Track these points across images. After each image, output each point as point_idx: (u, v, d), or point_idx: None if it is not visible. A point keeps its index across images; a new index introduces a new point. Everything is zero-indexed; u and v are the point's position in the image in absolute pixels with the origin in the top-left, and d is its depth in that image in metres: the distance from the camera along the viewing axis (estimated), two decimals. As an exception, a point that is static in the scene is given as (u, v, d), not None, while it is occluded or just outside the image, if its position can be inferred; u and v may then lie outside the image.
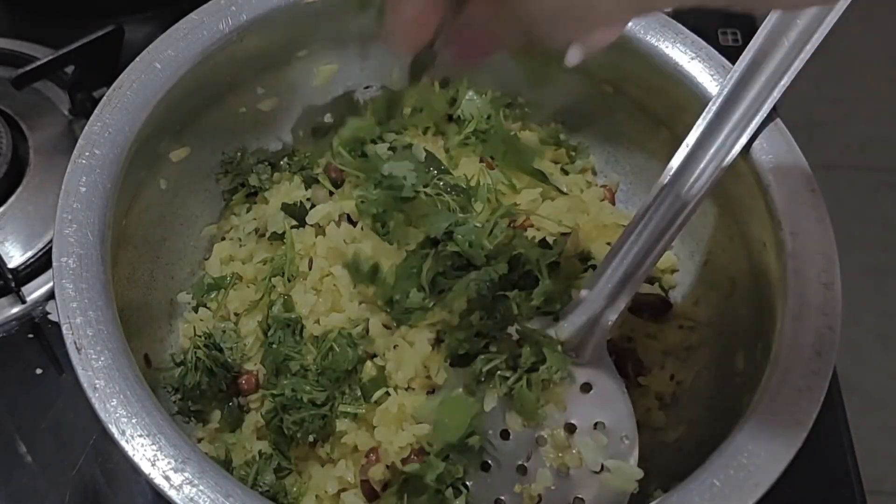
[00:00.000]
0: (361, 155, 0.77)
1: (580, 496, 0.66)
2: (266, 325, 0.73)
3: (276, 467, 0.69)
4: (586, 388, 0.68)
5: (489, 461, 0.67)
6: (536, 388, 0.66)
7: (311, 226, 0.77)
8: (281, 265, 0.75)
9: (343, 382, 0.69)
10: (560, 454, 0.66)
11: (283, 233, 0.76)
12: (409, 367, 0.69)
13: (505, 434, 0.68)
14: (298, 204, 0.78)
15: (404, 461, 0.66)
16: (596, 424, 0.67)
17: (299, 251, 0.76)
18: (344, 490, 0.68)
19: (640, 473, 0.65)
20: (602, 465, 0.66)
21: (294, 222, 0.78)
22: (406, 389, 0.69)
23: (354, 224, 0.75)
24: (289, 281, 0.74)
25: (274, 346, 0.71)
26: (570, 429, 0.67)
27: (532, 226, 0.76)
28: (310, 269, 0.75)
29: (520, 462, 0.67)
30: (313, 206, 0.78)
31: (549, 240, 0.73)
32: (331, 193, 0.79)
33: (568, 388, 0.67)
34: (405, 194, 0.70)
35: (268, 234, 0.78)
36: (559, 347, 0.67)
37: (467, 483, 0.67)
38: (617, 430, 0.66)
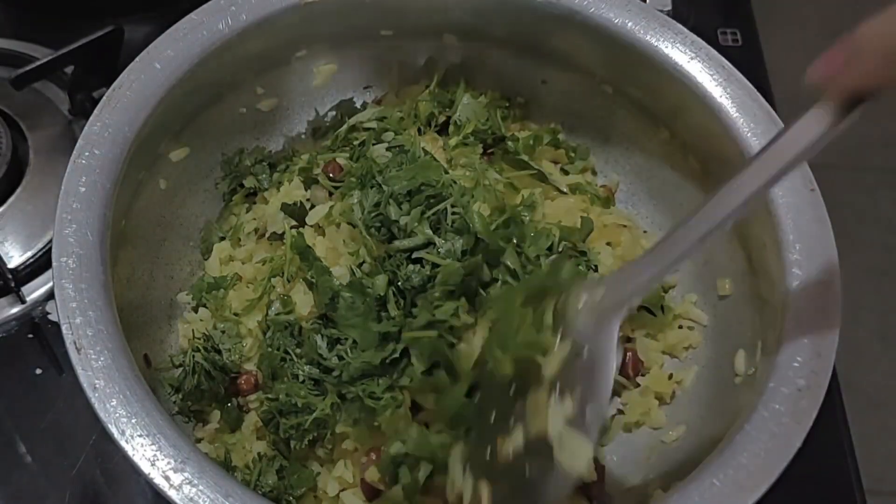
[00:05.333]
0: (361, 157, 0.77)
1: (538, 465, 0.60)
2: (265, 326, 0.73)
3: (278, 468, 0.69)
4: (580, 355, 0.61)
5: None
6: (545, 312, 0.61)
7: (311, 226, 0.77)
8: (280, 265, 0.75)
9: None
10: (535, 416, 0.61)
11: (283, 233, 0.76)
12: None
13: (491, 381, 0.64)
14: (298, 204, 0.78)
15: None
16: (572, 391, 0.61)
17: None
18: (343, 490, 0.68)
19: (588, 450, 0.59)
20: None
21: (294, 222, 0.77)
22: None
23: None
24: (288, 281, 0.74)
25: (270, 349, 0.71)
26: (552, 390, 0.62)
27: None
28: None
29: (500, 417, 0.62)
30: (313, 206, 0.78)
31: (549, 241, 0.73)
32: (330, 194, 0.79)
33: (565, 348, 0.62)
34: (394, 217, 0.70)
35: (267, 235, 0.78)
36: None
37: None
38: (588, 401, 0.60)
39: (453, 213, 0.69)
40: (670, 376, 0.76)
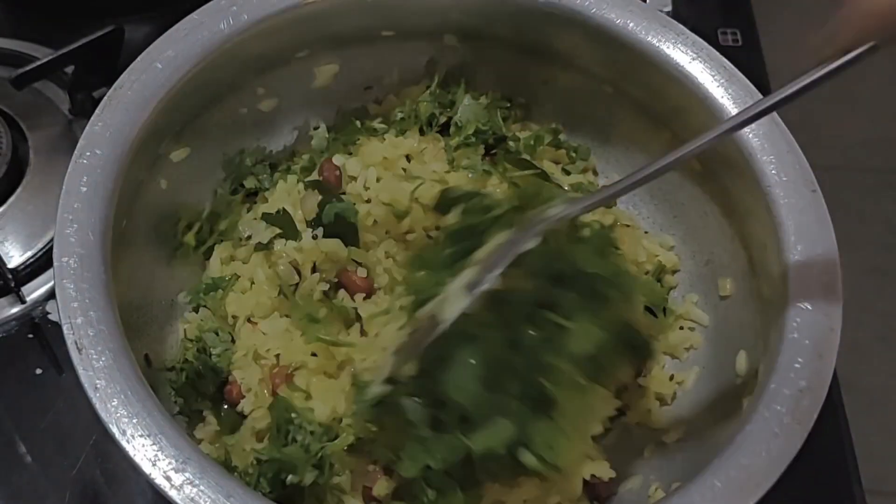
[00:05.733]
0: None
1: None
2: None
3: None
4: None
5: None
6: None
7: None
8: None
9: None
10: None
11: (268, 242, 0.76)
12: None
13: None
14: (282, 212, 0.76)
15: None
16: None
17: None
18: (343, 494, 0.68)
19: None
20: None
21: (278, 230, 0.76)
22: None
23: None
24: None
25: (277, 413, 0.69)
26: None
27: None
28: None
29: None
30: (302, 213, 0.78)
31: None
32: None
33: None
34: None
35: (252, 244, 0.77)
36: None
37: None
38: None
39: None
40: (671, 377, 0.76)
